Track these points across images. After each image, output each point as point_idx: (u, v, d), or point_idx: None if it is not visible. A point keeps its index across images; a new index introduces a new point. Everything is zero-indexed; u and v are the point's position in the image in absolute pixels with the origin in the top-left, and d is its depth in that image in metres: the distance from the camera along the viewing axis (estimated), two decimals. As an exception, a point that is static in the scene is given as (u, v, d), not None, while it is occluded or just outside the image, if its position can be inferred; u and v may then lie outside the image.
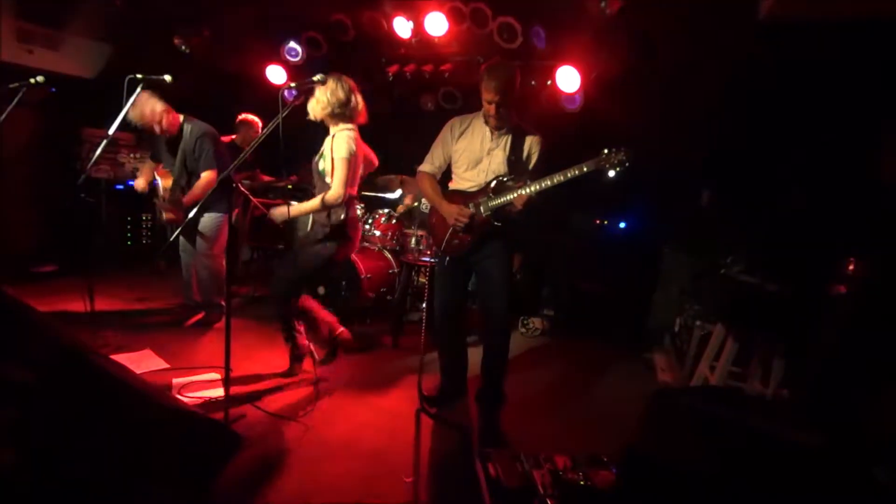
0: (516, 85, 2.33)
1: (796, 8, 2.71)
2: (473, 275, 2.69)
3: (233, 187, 3.03)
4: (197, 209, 2.55)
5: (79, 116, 4.66)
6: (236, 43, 4.52)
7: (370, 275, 3.81)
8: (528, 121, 2.51)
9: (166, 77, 2.53)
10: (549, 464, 1.95)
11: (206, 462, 1.68)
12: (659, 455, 1.40)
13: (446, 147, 2.55)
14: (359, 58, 4.33)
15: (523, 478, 1.87)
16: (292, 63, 4.48)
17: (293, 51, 4.42)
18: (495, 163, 2.44)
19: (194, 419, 1.69)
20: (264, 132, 2.31)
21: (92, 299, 2.81)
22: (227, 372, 2.18)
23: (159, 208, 3.36)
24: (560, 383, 3.34)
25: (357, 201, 2.76)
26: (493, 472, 1.90)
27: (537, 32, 3.65)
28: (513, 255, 2.64)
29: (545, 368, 3.56)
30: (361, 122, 2.68)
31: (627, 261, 4.44)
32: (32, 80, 2.56)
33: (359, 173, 2.68)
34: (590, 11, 3.32)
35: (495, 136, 2.44)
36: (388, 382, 2.99)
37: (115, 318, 3.55)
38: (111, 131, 2.58)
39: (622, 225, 4.71)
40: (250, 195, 2.87)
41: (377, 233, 4.09)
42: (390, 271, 4.07)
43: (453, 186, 2.59)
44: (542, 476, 1.87)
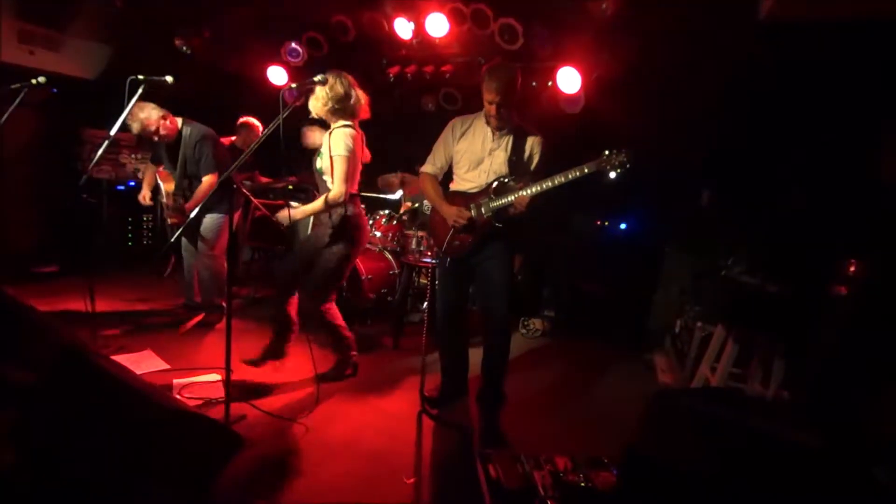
0: (517, 86, 2.33)
1: (796, 8, 2.71)
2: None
3: (234, 188, 3.03)
4: (198, 210, 2.56)
5: (80, 117, 4.68)
6: (237, 44, 4.53)
7: (371, 276, 3.81)
8: (529, 121, 2.51)
9: (168, 78, 2.53)
10: (550, 465, 1.95)
11: (206, 462, 1.68)
12: (659, 456, 1.39)
13: (447, 148, 2.55)
14: (360, 59, 4.33)
15: (524, 479, 1.87)
16: (293, 64, 4.48)
17: (294, 51, 4.42)
18: (497, 163, 2.44)
19: (194, 419, 1.69)
20: (265, 133, 2.31)
21: (93, 300, 2.81)
22: (228, 373, 2.18)
23: (164, 208, 3.36)
24: (560, 384, 3.34)
25: (359, 198, 2.75)
26: (493, 473, 1.90)
27: (538, 33, 3.65)
28: (514, 257, 2.64)
29: (546, 369, 3.56)
30: (364, 118, 2.66)
31: (628, 261, 4.44)
32: (34, 81, 2.57)
33: (358, 169, 2.67)
34: (590, 12, 3.33)
35: (497, 137, 2.44)
36: (388, 383, 2.99)
37: (115, 319, 3.56)
38: (112, 132, 2.58)
39: (623, 226, 4.72)
40: (251, 197, 2.88)
41: (378, 234, 4.10)
42: (391, 272, 4.07)
43: (454, 187, 2.59)
44: (543, 477, 1.87)
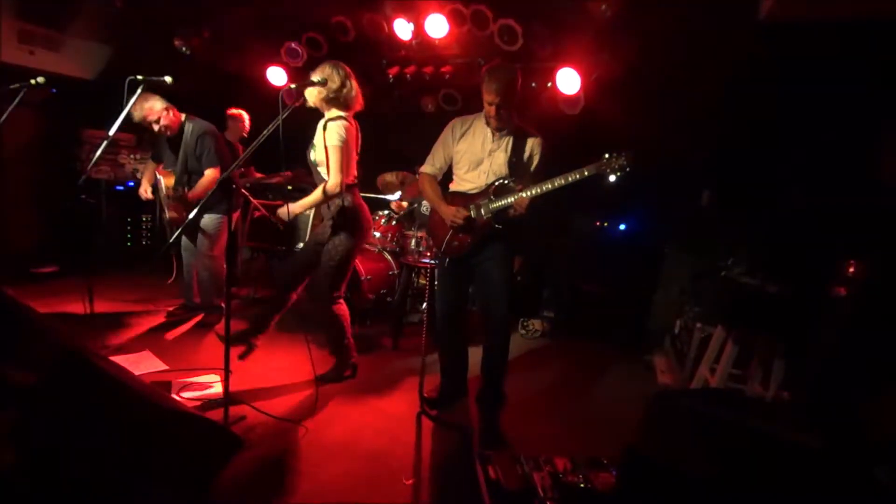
0: (517, 87, 2.33)
1: (796, 8, 2.71)
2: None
3: (233, 188, 3.03)
4: (198, 209, 2.55)
5: (79, 117, 4.67)
6: (237, 44, 4.53)
7: (370, 276, 3.81)
8: (529, 122, 2.51)
9: (167, 78, 2.53)
10: (549, 466, 1.95)
11: (205, 463, 1.68)
12: (659, 457, 1.39)
13: (447, 148, 2.55)
14: (359, 59, 4.31)
15: (523, 480, 1.87)
16: (293, 64, 4.48)
17: (293, 52, 4.42)
18: (496, 164, 2.44)
19: (194, 420, 1.69)
20: (265, 133, 2.30)
21: (92, 300, 2.81)
22: (227, 373, 2.18)
23: (163, 205, 3.36)
24: (560, 384, 3.34)
25: (358, 189, 2.74)
26: (493, 474, 1.90)
27: (538, 34, 3.65)
28: (514, 257, 2.64)
29: (545, 369, 3.56)
30: (358, 109, 2.66)
31: (628, 262, 4.44)
32: (33, 81, 2.56)
33: (354, 159, 2.66)
34: (590, 13, 3.33)
35: (497, 138, 2.44)
36: (387, 384, 2.99)
37: (114, 319, 3.55)
38: (111, 132, 2.58)
39: (622, 227, 4.72)
40: (251, 197, 2.87)
41: (377, 234, 4.10)
42: (390, 273, 4.07)
43: (454, 188, 2.59)
44: (542, 478, 1.87)
